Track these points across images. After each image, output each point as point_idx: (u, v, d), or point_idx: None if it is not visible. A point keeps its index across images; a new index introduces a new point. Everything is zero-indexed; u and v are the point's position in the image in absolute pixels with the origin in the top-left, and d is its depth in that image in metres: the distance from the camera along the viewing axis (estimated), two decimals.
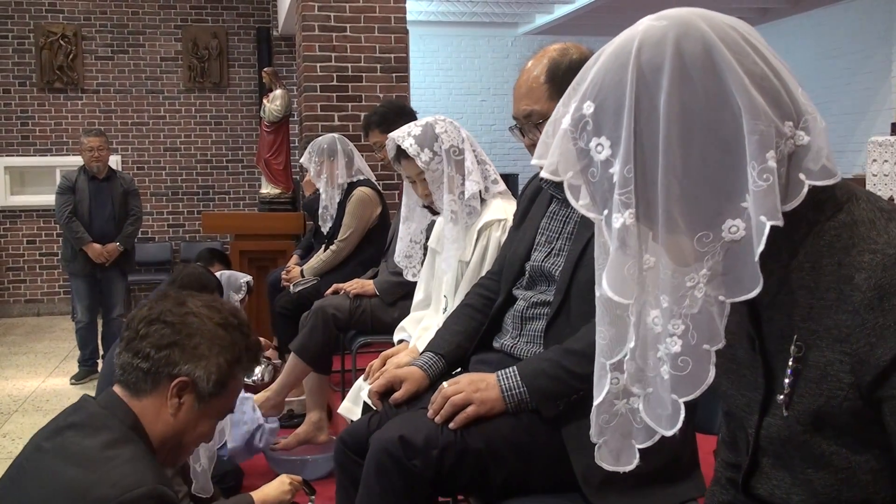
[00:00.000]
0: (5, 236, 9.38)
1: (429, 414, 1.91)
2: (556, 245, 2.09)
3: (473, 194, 2.72)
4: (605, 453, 1.16)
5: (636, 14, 1.15)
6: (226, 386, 1.69)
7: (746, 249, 0.97)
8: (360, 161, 4.84)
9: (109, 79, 9.50)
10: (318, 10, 6.07)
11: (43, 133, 9.36)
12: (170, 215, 9.73)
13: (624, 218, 0.99)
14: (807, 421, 1.04)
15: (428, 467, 1.81)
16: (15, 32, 9.29)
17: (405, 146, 2.78)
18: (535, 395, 1.89)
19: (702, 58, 0.99)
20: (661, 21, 1.03)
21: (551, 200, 2.16)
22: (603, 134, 1.01)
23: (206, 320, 1.68)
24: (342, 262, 4.58)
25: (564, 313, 1.99)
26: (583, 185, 1.04)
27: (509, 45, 11.09)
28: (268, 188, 7.16)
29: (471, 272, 2.66)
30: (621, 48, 1.03)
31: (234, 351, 1.70)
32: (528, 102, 2.01)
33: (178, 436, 1.66)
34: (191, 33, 9.63)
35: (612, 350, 1.12)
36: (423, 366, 2.20)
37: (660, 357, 1.03)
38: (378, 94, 6.12)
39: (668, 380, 1.02)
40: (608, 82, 1.02)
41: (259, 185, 8.08)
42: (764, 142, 0.97)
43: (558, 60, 2.00)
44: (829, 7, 9.12)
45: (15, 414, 5.45)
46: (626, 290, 1.02)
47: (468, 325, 2.28)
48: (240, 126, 9.80)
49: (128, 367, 1.65)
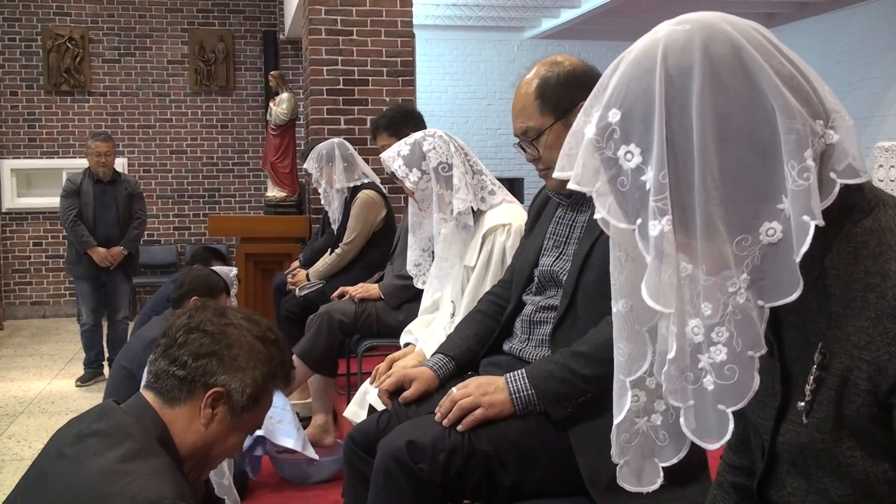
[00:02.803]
0: (11, 238, 9.40)
1: (436, 417, 1.92)
2: (563, 249, 2.10)
3: (461, 211, 2.72)
4: (627, 474, 1.15)
5: (643, 18, 1.15)
6: (259, 401, 1.68)
7: (784, 252, 0.96)
8: (364, 165, 4.85)
9: (116, 81, 9.53)
10: (325, 13, 6.08)
11: (49, 135, 9.39)
12: (175, 218, 9.75)
13: (662, 225, 0.96)
14: (826, 429, 1.03)
15: (435, 471, 1.81)
16: (22, 35, 9.32)
17: (394, 168, 2.81)
18: (544, 398, 1.90)
19: (731, 60, 0.98)
20: (684, 25, 1.02)
21: (558, 206, 2.17)
22: (632, 141, 0.99)
23: (246, 333, 1.67)
24: (347, 266, 4.59)
25: (571, 316, 2.00)
26: (611, 196, 1.02)
27: (515, 50, 11.09)
28: (274, 191, 7.16)
29: (476, 277, 2.67)
30: (644, 54, 1.01)
31: (270, 365, 1.68)
32: (522, 119, 2.03)
33: (208, 447, 1.65)
34: (197, 36, 9.65)
35: (631, 366, 1.10)
36: (433, 367, 2.22)
37: (702, 368, 1.00)
38: (384, 97, 6.12)
39: (712, 390, 0.99)
40: (634, 89, 1.00)
41: (265, 188, 8.08)
42: (801, 141, 0.96)
43: (547, 75, 2.01)
44: (836, 12, 9.12)
45: (21, 416, 5.45)
46: (666, 299, 0.99)
47: (479, 330, 2.30)
48: (246, 129, 9.82)
49: (163, 374, 1.63)
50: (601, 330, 1.90)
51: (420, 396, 2.16)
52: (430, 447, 1.83)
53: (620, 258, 1.10)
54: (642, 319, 1.09)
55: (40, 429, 5.15)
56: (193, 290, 3.55)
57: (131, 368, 3.40)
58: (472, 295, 2.62)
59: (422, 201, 2.86)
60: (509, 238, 2.63)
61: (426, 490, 1.82)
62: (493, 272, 2.62)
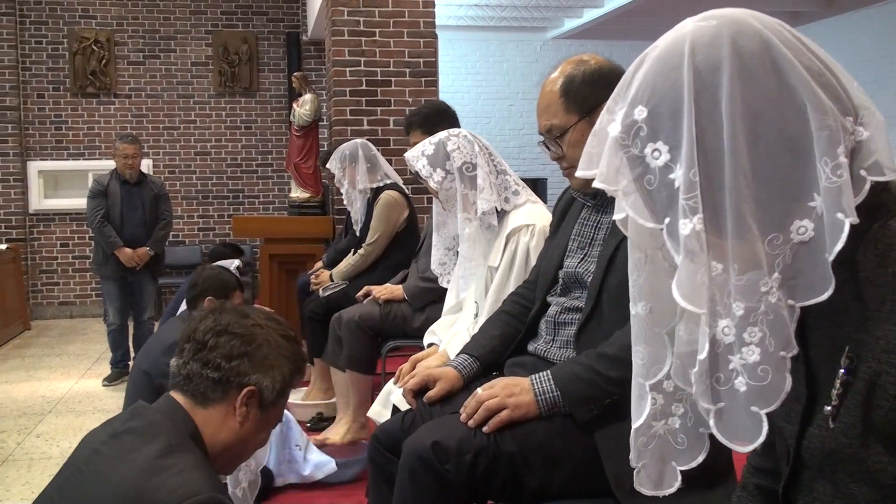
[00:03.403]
0: (39, 239, 9.50)
1: (461, 417, 1.92)
2: (588, 251, 2.10)
3: (486, 211, 2.72)
4: (644, 478, 1.13)
5: (666, 17, 1.14)
6: (284, 395, 1.75)
7: (816, 251, 0.94)
8: (387, 165, 4.87)
9: (141, 83, 9.60)
10: (348, 14, 6.10)
11: (76, 137, 9.48)
12: (200, 219, 9.81)
13: (693, 223, 0.94)
14: (854, 434, 1.01)
15: (460, 472, 1.82)
16: (49, 38, 9.42)
17: (418, 168, 2.80)
18: (569, 400, 1.90)
19: (760, 55, 0.96)
20: (710, 21, 1.00)
21: (583, 207, 2.17)
22: (659, 139, 0.97)
23: (272, 332, 1.74)
24: (370, 266, 4.60)
25: (596, 318, 2.00)
26: (637, 195, 0.99)
27: (538, 50, 11.08)
28: (297, 192, 7.20)
29: (500, 277, 2.66)
30: (670, 50, 1.00)
31: (295, 361, 1.77)
32: (547, 117, 2.03)
33: (243, 443, 1.71)
34: (221, 38, 9.71)
35: (649, 370, 1.09)
36: (458, 367, 2.23)
37: (732, 369, 0.97)
38: (407, 98, 6.13)
39: (745, 392, 0.97)
40: (661, 86, 0.98)
41: (288, 188, 8.12)
42: (833, 137, 0.94)
43: (573, 74, 2.01)
44: (862, 10, 9.04)
45: (48, 415, 5.51)
46: (698, 299, 0.96)
47: (504, 330, 2.30)
48: (269, 130, 9.87)
49: (196, 377, 1.69)
50: (627, 332, 1.88)
51: (444, 396, 2.17)
52: (455, 448, 1.83)
53: (640, 260, 1.08)
54: (661, 322, 1.08)
55: (67, 428, 5.20)
56: (207, 289, 3.58)
57: (149, 371, 3.43)
58: (496, 295, 2.62)
59: (446, 201, 2.86)
60: (533, 238, 2.63)
61: (451, 490, 1.83)
62: (517, 272, 2.62)
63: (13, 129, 9.25)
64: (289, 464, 3.56)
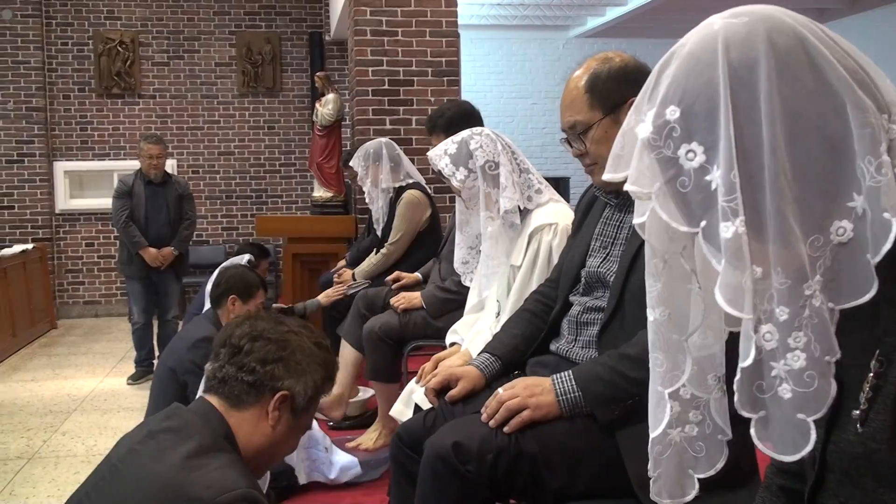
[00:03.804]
0: (64, 239, 9.59)
1: (482, 418, 1.92)
2: (610, 251, 2.09)
3: (508, 210, 2.71)
4: (661, 487, 1.11)
5: (690, 15, 1.12)
6: (315, 401, 1.80)
7: (856, 252, 0.91)
8: (409, 165, 4.87)
9: (165, 84, 9.67)
10: (370, 14, 6.11)
11: (101, 138, 9.56)
12: (223, 218, 9.87)
13: (735, 226, 0.90)
14: (883, 438, 0.98)
15: (482, 472, 1.81)
16: (75, 39, 9.50)
17: (440, 167, 2.80)
18: (591, 400, 1.89)
19: (797, 52, 0.93)
20: (741, 17, 0.97)
21: (606, 206, 2.16)
22: (694, 139, 0.93)
23: (305, 339, 1.79)
24: (393, 266, 4.61)
25: (618, 318, 1.99)
26: (670, 197, 0.95)
27: (560, 49, 11.05)
28: (320, 192, 7.21)
29: (522, 276, 2.66)
30: (701, 48, 0.96)
31: (327, 368, 1.81)
32: (571, 113, 2.02)
33: (274, 446, 1.76)
34: (245, 39, 9.75)
35: (667, 377, 1.07)
36: (480, 366, 2.23)
37: (775, 375, 0.93)
38: (429, 97, 6.14)
39: (790, 399, 0.93)
40: (693, 84, 0.95)
41: (311, 188, 8.14)
42: (875, 136, 0.91)
43: (598, 70, 2.00)
44: (888, 6, 8.94)
45: (74, 413, 5.55)
46: (744, 303, 0.92)
47: (526, 329, 2.30)
48: (292, 130, 9.91)
49: (231, 380, 1.73)
50: None
51: (466, 395, 2.17)
52: (476, 448, 1.83)
53: (657, 266, 1.06)
54: (680, 328, 1.06)
55: (93, 426, 5.24)
56: (230, 288, 3.64)
57: (174, 367, 3.48)
58: (518, 294, 2.62)
59: (468, 200, 2.85)
60: (556, 237, 2.62)
61: (473, 490, 1.82)
62: (540, 271, 2.61)
63: (39, 129, 9.34)
64: (313, 462, 3.57)
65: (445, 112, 3.98)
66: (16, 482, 4.24)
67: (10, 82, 9.25)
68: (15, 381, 6.53)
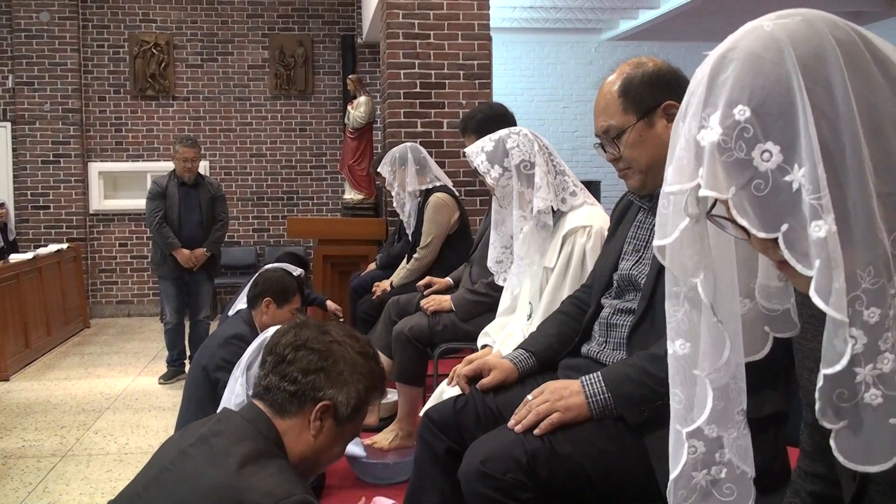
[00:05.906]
0: (98, 239, 9.70)
1: (510, 423, 1.92)
2: (643, 254, 2.09)
3: (541, 210, 2.70)
4: None
5: (722, 18, 1.09)
6: (360, 411, 1.80)
7: None
8: (436, 168, 4.90)
9: (199, 86, 9.76)
10: (403, 17, 6.12)
11: (135, 139, 9.66)
12: (255, 220, 9.93)
13: (829, 224, 0.85)
14: None
15: (521, 475, 1.80)
16: (110, 42, 9.62)
17: (476, 164, 2.81)
18: (620, 401, 1.88)
19: (859, 47, 0.91)
20: (794, 17, 0.94)
21: (639, 210, 2.16)
22: (769, 139, 0.88)
23: (349, 349, 1.79)
24: (427, 269, 4.63)
25: (648, 319, 1.98)
26: (746, 202, 0.90)
27: (592, 52, 11.01)
28: (351, 194, 7.24)
29: (555, 278, 2.65)
30: (763, 47, 0.92)
31: (371, 378, 1.81)
32: (604, 118, 2.01)
33: (317, 455, 1.77)
34: (277, 41, 9.82)
35: (687, 415, 1.03)
36: (514, 360, 2.25)
37: (860, 381, 0.89)
38: (461, 100, 6.14)
39: (880, 404, 0.88)
40: (762, 83, 0.90)
41: (342, 190, 8.18)
42: None
43: (631, 75, 1.99)
44: None
45: (106, 411, 5.61)
46: (840, 306, 0.87)
47: (561, 330, 2.31)
48: (324, 132, 9.95)
49: (274, 389, 1.75)
50: None
51: (498, 385, 2.18)
52: (506, 455, 1.82)
53: (677, 293, 1.02)
54: (701, 364, 1.02)
55: (125, 424, 5.29)
56: (267, 290, 3.69)
57: (207, 366, 3.51)
58: (551, 296, 2.61)
59: (502, 198, 2.85)
60: (590, 240, 2.61)
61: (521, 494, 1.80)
62: (573, 274, 2.61)
63: (75, 130, 9.46)
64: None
65: (477, 114, 3.99)
66: (49, 479, 4.29)
67: (47, 84, 9.38)
68: (49, 380, 6.61)
